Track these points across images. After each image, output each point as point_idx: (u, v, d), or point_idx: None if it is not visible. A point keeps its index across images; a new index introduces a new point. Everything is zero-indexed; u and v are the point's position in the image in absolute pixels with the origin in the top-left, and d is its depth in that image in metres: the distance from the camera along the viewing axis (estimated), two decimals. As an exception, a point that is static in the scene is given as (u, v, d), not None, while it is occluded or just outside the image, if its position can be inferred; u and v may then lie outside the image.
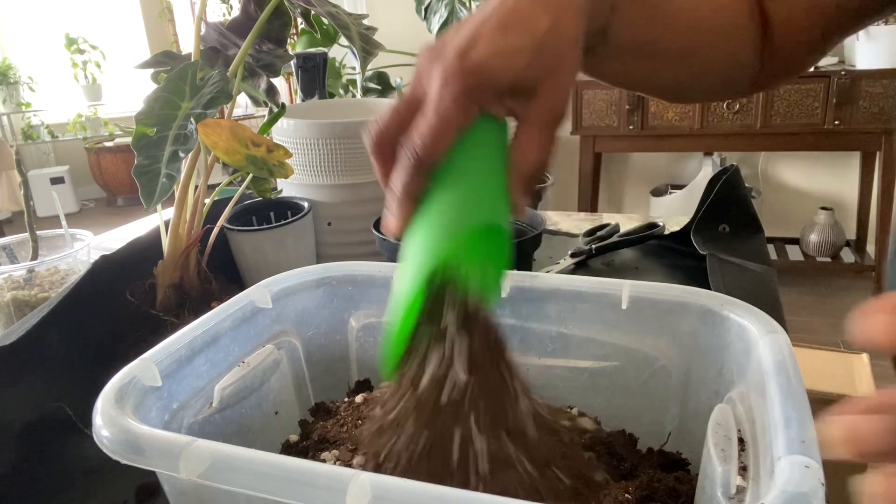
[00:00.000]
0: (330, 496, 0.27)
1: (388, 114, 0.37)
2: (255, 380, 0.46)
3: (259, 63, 0.73)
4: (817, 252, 2.81)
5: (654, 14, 0.45)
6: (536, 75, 0.35)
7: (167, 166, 0.55)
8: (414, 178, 0.35)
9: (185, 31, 4.52)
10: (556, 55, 0.35)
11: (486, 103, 0.35)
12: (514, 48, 0.34)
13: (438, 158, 0.35)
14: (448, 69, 0.34)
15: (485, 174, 0.36)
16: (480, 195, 0.36)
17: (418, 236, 0.35)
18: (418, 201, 0.35)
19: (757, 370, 0.36)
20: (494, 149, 0.36)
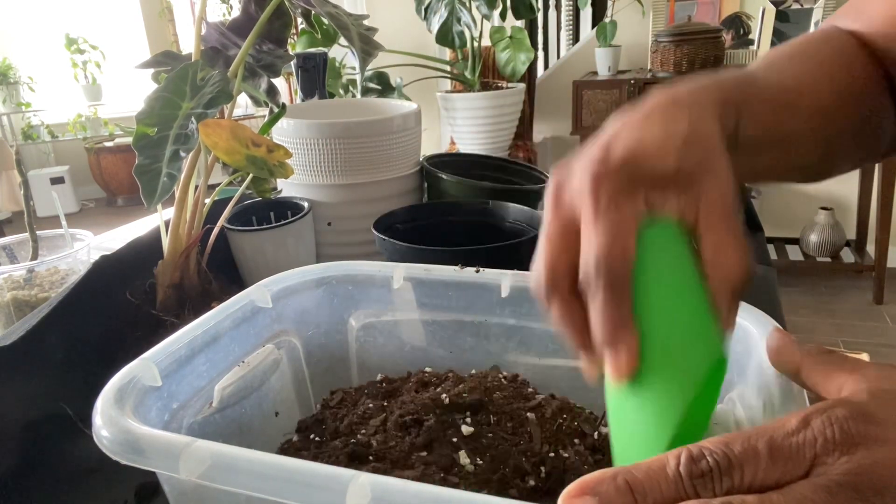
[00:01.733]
0: (330, 496, 0.27)
1: (545, 252, 0.32)
2: (255, 379, 0.46)
3: (259, 63, 0.73)
4: (817, 252, 2.81)
5: (777, 108, 0.42)
6: (693, 163, 0.32)
7: (168, 166, 0.55)
8: (619, 303, 0.29)
9: (185, 31, 4.52)
10: (706, 146, 0.32)
11: (650, 198, 0.31)
12: (661, 136, 0.32)
13: (629, 271, 0.30)
14: (596, 170, 0.31)
15: (690, 296, 0.30)
16: (695, 325, 0.29)
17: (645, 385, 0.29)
18: (637, 334, 0.29)
19: (757, 371, 0.36)
20: (690, 264, 0.31)
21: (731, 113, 0.37)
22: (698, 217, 0.31)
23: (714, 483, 0.22)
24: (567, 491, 0.22)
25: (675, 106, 0.34)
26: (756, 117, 0.40)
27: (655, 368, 0.28)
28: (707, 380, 0.28)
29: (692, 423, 0.29)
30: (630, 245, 0.30)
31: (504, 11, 1.75)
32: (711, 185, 0.31)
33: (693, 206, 0.31)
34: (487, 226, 0.77)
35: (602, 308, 0.29)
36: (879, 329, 2.49)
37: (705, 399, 0.30)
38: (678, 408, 0.27)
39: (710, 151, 0.32)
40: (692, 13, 2.80)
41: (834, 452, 0.22)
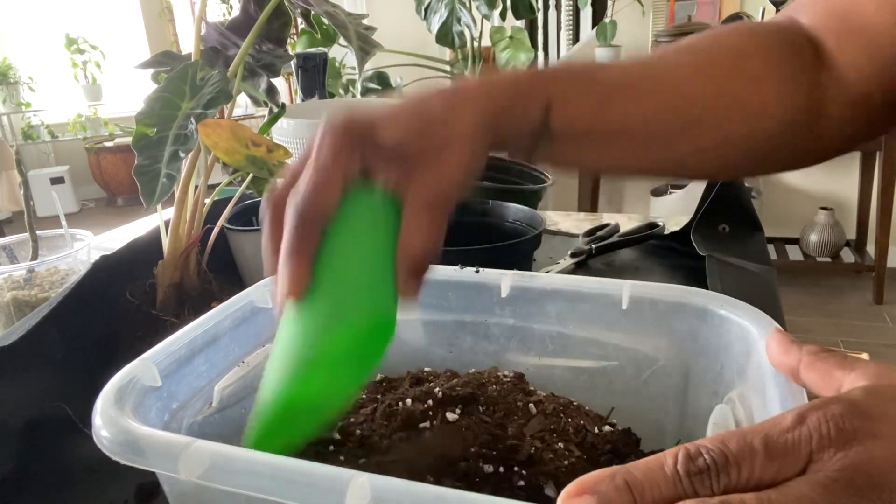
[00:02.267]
0: (329, 497, 0.27)
1: (284, 176, 0.36)
2: (255, 380, 0.46)
3: (259, 63, 0.73)
4: (817, 252, 2.81)
5: (611, 97, 0.42)
6: (422, 145, 0.35)
7: (167, 166, 0.55)
8: (299, 234, 0.33)
9: (185, 31, 4.52)
10: (446, 135, 0.36)
11: (372, 164, 0.35)
12: (403, 117, 0.36)
13: (322, 214, 0.34)
14: (333, 124, 0.35)
15: (376, 255, 0.34)
16: (370, 281, 0.34)
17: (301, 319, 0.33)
18: (308, 263, 0.33)
19: (757, 371, 0.36)
20: (386, 229, 0.35)
21: (534, 105, 0.40)
22: (407, 192, 0.35)
23: (712, 481, 0.22)
24: (566, 491, 0.22)
25: (445, 94, 0.37)
26: (570, 110, 0.41)
27: (318, 301, 0.32)
28: (363, 331, 0.32)
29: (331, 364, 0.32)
30: (328, 193, 0.34)
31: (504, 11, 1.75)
32: (430, 171, 0.35)
33: (407, 182, 0.35)
34: (487, 226, 0.77)
35: (287, 236, 0.33)
36: (879, 329, 2.49)
37: (356, 351, 0.32)
38: (323, 337, 0.31)
39: (447, 140, 0.35)
40: (692, 13, 2.80)
41: (830, 449, 0.22)
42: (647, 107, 0.43)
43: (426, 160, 0.35)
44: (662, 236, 0.91)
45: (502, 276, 0.49)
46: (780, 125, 0.46)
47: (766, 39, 0.47)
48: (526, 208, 0.80)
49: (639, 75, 0.44)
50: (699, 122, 0.45)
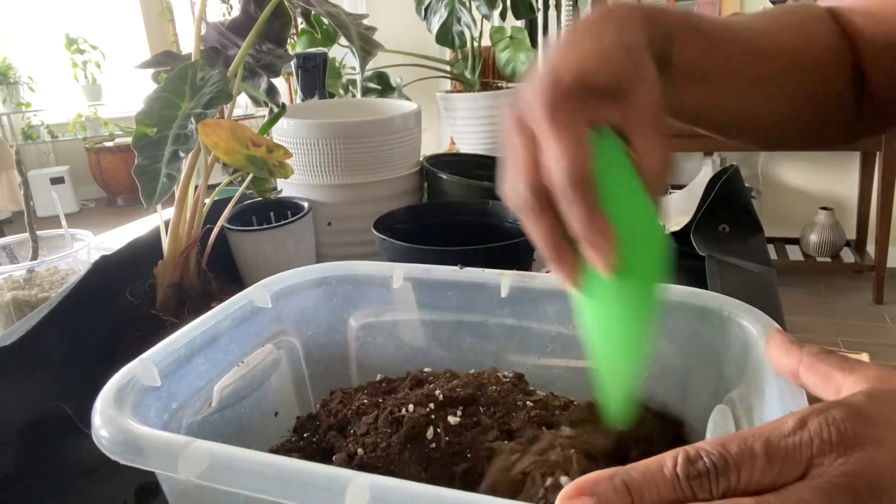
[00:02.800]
0: (329, 497, 0.27)
1: (520, 170, 0.34)
2: (254, 380, 0.46)
3: (259, 63, 0.73)
4: (817, 252, 2.81)
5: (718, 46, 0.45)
6: (624, 73, 0.34)
7: (167, 166, 0.55)
8: (592, 207, 0.32)
9: (185, 31, 4.53)
10: (634, 55, 0.35)
11: (592, 109, 0.34)
12: (597, 53, 0.35)
13: (591, 175, 0.32)
14: (544, 86, 0.33)
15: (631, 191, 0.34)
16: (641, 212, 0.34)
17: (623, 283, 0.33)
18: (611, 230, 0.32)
19: (756, 371, 0.36)
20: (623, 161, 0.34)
21: (659, 33, 0.40)
22: (631, 123, 0.34)
23: (711, 484, 0.22)
24: (564, 492, 0.22)
25: (603, 22, 0.37)
26: (691, 46, 0.43)
27: (628, 258, 0.32)
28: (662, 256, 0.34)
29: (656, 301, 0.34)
30: (589, 157, 0.33)
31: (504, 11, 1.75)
32: (641, 92, 0.34)
33: (626, 114, 0.34)
34: (487, 226, 0.77)
35: (580, 213, 0.32)
36: (879, 329, 2.49)
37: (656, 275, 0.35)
38: (653, 287, 0.33)
39: (637, 60, 0.36)
40: (692, 13, 2.80)
41: (830, 454, 0.22)
42: (746, 57, 0.47)
43: (635, 88, 0.35)
44: (662, 236, 0.91)
45: (502, 276, 0.49)
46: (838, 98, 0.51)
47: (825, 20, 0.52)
48: (526, 208, 0.80)
49: (736, 31, 0.48)
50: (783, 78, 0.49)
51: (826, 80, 0.50)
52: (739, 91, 0.48)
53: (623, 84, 0.34)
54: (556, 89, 0.33)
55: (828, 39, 0.51)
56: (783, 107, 0.51)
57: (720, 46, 0.46)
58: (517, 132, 0.35)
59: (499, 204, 0.77)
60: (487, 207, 0.78)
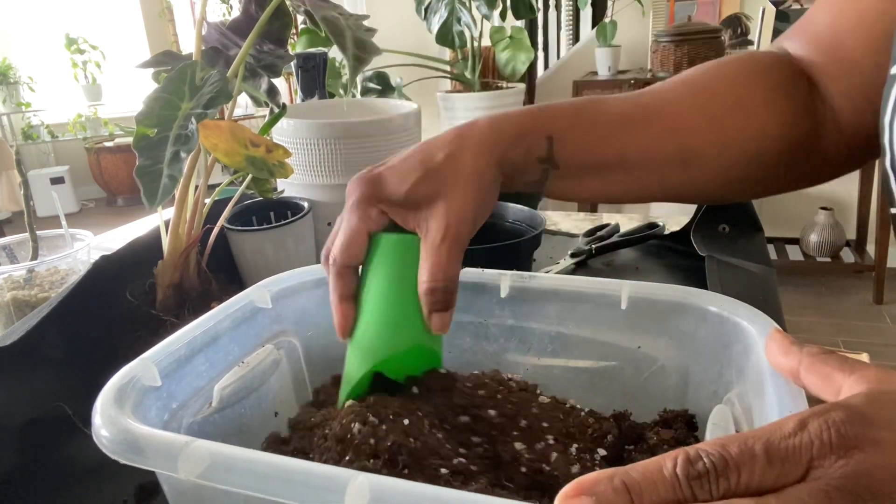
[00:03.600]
0: (328, 497, 0.27)
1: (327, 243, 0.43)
2: (254, 380, 0.46)
3: (260, 63, 0.73)
4: (817, 252, 2.81)
5: (613, 131, 0.46)
6: (428, 193, 0.40)
7: (169, 167, 0.55)
8: (336, 282, 0.41)
9: (185, 31, 4.53)
10: (448, 180, 0.40)
11: (388, 213, 0.41)
12: (408, 168, 0.41)
13: (351, 261, 0.41)
14: (352, 184, 0.41)
15: (403, 291, 0.40)
16: (400, 315, 0.41)
17: (353, 345, 0.42)
18: (347, 308, 0.41)
19: (756, 371, 0.36)
20: (410, 270, 0.40)
21: (538, 140, 0.44)
22: (422, 237, 0.40)
23: (711, 485, 0.22)
24: (564, 491, 0.22)
25: (448, 138, 0.42)
26: (571, 144, 0.45)
27: (362, 333, 0.41)
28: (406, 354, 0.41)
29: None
30: (354, 243, 0.40)
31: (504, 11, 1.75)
32: (439, 211, 0.40)
33: (421, 228, 0.40)
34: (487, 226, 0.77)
35: (331, 285, 0.42)
36: (879, 329, 2.49)
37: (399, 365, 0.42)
38: (368, 362, 0.41)
39: (450, 184, 0.40)
40: (692, 13, 2.80)
41: (830, 456, 0.22)
42: (645, 140, 0.46)
43: (434, 202, 0.40)
44: (662, 236, 0.91)
45: (502, 276, 0.49)
46: (778, 154, 0.48)
47: (765, 71, 0.49)
48: (526, 208, 0.80)
49: (637, 110, 0.47)
50: (697, 153, 0.47)
51: (764, 138, 0.48)
52: (649, 172, 0.47)
53: (419, 197, 0.40)
54: (358, 180, 0.41)
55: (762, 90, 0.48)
56: (711, 174, 0.48)
57: (618, 135, 0.46)
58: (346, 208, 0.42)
59: (499, 204, 0.77)
60: (487, 207, 0.77)
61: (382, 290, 0.41)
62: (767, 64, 0.50)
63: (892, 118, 0.40)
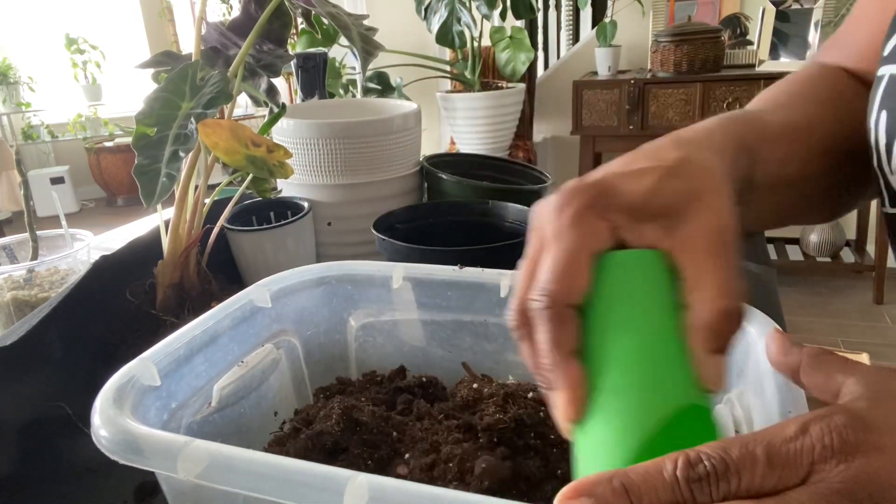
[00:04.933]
0: (327, 497, 0.27)
1: (516, 288, 0.30)
2: (253, 379, 0.46)
3: (259, 63, 0.73)
4: (817, 252, 2.81)
5: (787, 149, 0.43)
6: (677, 192, 0.29)
7: (167, 166, 0.55)
8: (558, 330, 0.27)
9: (185, 31, 4.53)
10: (695, 178, 0.30)
11: (619, 225, 0.29)
12: (641, 168, 0.30)
13: (576, 296, 0.27)
14: (565, 191, 0.29)
15: (656, 332, 0.27)
16: (661, 365, 0.26)
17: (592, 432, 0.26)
18: (577, 371, 0.27)
19: (755, 371, 0.36)
20: (661, 300, 0.28)
21: (745, 155, 0.36)
22: (679, 249, 0.28)
23: (711, 488, 0.22)
24: (563, 492, 0.22)
25: (672, 143, 0.33)
26: (769, 158, 0.39)
27: (604, 411, 0.26)
28: (672, 428, 0.25)
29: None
30: (579, 269, 0.28)
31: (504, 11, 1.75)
32: (697, 212, 0.28)
33: (673, 236, 0.29)
34: (487, 226, 0.77)
35: (541, 340, 0.27)
36: (879, 329, 2.49)
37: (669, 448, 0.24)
38: (626, 451, 0.24)
39: (699, 178, 0.30)
40: (692, 13, 2.80)
41: (832, 460, 0.22)
42: (805, 155, 0.45)
43: (690, 203, 0.29)
44: (662, 236, 0.91)
45: (502, 276, 0.49)
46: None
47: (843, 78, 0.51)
48: (526, 208, 0.80)
49: (795, 128, 0.45)
50: (837, 162, 0.47)
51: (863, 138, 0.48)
52: (814, 185, 0.47)
53: (663, 200, 0.29)
54: (575, 186, 0.29)
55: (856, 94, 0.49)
56: (850, 180, 0.49)
57: (789, 150, 0.43)
58: (530, 238, 0.30)
59: (499, 204, 0.77)
60: (487, 207, 0.77)
61: (631, 331, 0.27)
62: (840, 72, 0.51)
63: (877, 119, 0.40)
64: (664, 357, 0.26)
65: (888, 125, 0.40)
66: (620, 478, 0.22)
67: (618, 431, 0.25)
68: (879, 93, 0.40)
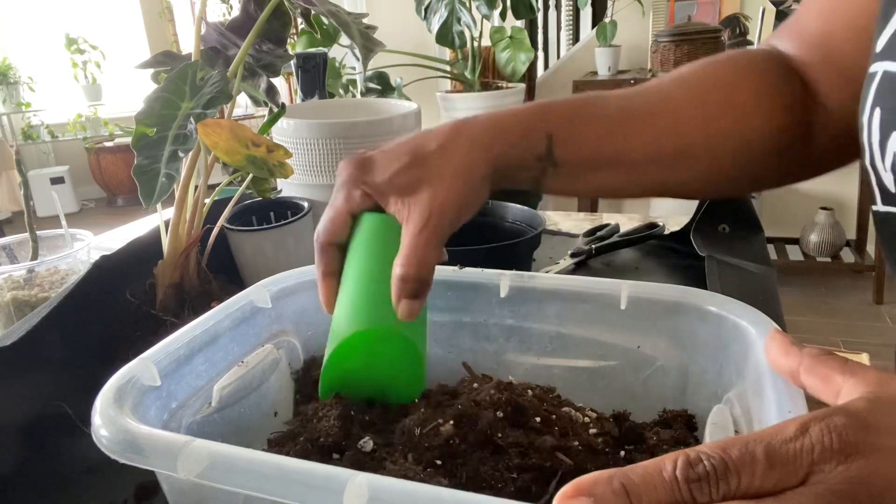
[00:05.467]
0: (327, 496, 0.27)
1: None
2: (253, 379, 0.46)
3: (259, 63, 0.73)
4: (817, 252, 2.81)
5: (611, 129, 0.46)
6: (412, 181, 0.40)
7: (167, 166, 0.55)
8: (320, 258, 0.43)
9: (185, 31, 4.53)
10: (435, 170, 0.40)
11: (373, 196, 0.42)
12: (397, 154, 0.41)
13: (334, 238, 0.42)
14: (342, 165, 0.42)
15: (382, 270, 0.41)
16: (377, 292, 0.40)
17: (334, 319, 0.42)
18: (330, 283, 0.43)
19: (755, 371, 0.36)
20: (387, 251, 0.41)
21: (538, 137, 0.44)
22: (403, 221, 0.41)
23: (710, 487, 0.22)
24: (562, 492, 0.22)
25: (443, 130, 0.43)
26: (571, 142, 0.45)
27: (343, 307, 0.42)
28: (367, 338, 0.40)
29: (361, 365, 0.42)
30: (336, 221, 0.42)
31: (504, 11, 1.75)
32: (422, 200, 0.40)
33: (404, 212, 0.40)
34: (487, 226, 0.77)
35: (315, 261, 0.43)
36: (879, 329, 2.49)
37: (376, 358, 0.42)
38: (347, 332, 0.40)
39: (435, 174, 0.40)
40: (692, 13, 2.80)
41: (831, 461, 0.22)
42: (643, 137, 0.47)
43: (418, 191, 0.40)
44: (662, 236, 0.91)
45: (501, 276, 0.49)
46: (769, 152, 0.49)
47: (757, 69, 0.50)
48: (526, 208, 0.80)
49: (635, 108, 0.48)
50: (692, 150, 0.48)
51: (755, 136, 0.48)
52: (647, 169, 0.48)
53: (397, 186, 0.40)
54: (348, 169, 0.42)
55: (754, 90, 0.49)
56: (705, 171, 0.49)
57: (617, 133, 0.46)
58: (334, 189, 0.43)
59: (499, 204, 0.77)
60: (487, 207, 0.78)
61: (361, 266, 0.42)
62: (760, 62, 0.50)
63: (870, 116, 0.40)
64: (381, 289, 0.40)
65: (882, 122, 0.40)
66: (620, 477, 0.22)
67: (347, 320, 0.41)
68: (872, 89, 0.40)
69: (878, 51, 0.41)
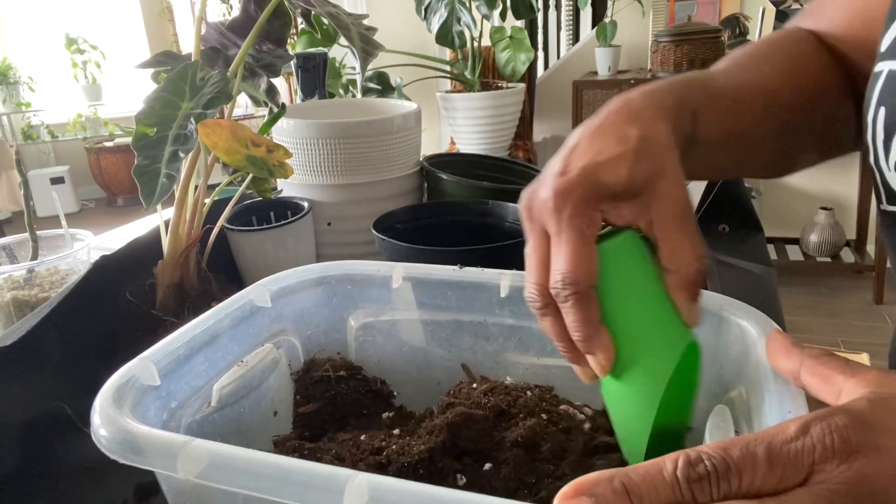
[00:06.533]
0: (327, 496, 0.27)
1: (529, 269, 0.36)
2: (253, 379, 0.46)
3: (259, 63, 0.73)
4: (817, 252, 2.81)
5: (736, 108, 0.45)
6: (646, 174, 0.34)
7: (167, 166, 0.55)
8: (586, 312, 0.33)
9: (185, 31, 4.53)
10: (657, 157, 0.35)
11: (606, 209, 0.35)
12: (614, 154, 0.35)
13: (592, 282, 0.33)
14: (555, 189, 0.34)
15: (646, 293, 0.35)
16: (664, 318, 0.34)
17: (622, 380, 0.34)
18: (607, 339, 0.34)
19: (756, 371, 0.36)
20: (640, 262, 0.35)
21: (687, 114, 0.40)
22: (652, 221, 0.35)
23: (711, 487, 0.22)
24: (563, 491, 0.22)
25: (627, 113, 0.37)
26: (713, 117, 0.43)
27: (630, 360, 0.34)
28: (678, 364, 0.33)
29: (673, 402, 0.36)
30: (590, 257, 0.33)
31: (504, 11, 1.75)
32: (662, 189, 0.34)
33: (647, 212, 0.35)
34: (487, 226, 0.77)
35: (573, 318, 0.33)
36: (879, 329, 2.48)
37: (682, 380, 0.36)
38: (654, 389, 0.33)
39: (659, 156, 0.35)
40: (692, 13, 2.80)
41: (832, 461, 0.22)
42: (756, 114, 0.47)
43: (655, 182, 0.34)
44: (662, 236, 0.91)
45: (501, 276, 0.49)
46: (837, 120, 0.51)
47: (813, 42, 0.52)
48: (525, 208, 0.80)
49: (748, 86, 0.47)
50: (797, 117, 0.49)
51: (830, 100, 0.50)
52: (762, 143, 0.48)
53: (637, 183, 0.34)
54: (566, 184, 0.34)
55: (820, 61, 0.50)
56: (803, 142, 0.51)
57: (738, 108, 0.45)
58: (530, 230, 0.36)
59: (499, 204, 0.77)
60: (487, 207, 0.77)
61: (633, 298, 0.35)
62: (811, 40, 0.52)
63: (874, 115, 0.40)
64: (659, 312, 0.34)
65: (886, 121, 0.40)
66: (620, 477, 0.22)
67: (646, 373, 0.33)
68: (877, 88, 0.40)
69: (883, 50, 0.41)
